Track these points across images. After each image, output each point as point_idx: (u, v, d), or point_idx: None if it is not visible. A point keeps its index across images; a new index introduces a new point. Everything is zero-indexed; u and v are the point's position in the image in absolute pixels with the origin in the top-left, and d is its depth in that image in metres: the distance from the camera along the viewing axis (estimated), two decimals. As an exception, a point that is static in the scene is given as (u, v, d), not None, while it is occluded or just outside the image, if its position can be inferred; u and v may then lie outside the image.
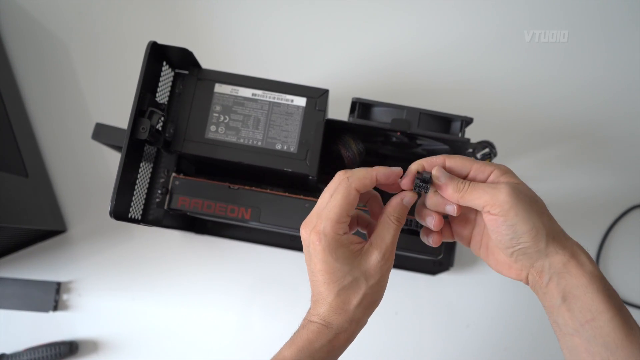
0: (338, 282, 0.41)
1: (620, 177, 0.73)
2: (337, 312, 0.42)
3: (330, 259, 0.41)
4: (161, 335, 0.70)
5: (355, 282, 0.41)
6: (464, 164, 0.42)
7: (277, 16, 0.77)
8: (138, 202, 0.54)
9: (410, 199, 0.44)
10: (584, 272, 0.40)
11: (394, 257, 0.43)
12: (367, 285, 0.42)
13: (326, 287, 0.41)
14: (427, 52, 0.76)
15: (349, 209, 0.42)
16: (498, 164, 0.42)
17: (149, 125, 0.49)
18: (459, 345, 0.69)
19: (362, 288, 0.42)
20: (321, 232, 0.41)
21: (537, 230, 0.40)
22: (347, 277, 0.41)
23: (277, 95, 0.54)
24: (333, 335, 0.42)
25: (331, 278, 0.41)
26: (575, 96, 0.75)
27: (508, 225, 0.40)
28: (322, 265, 0.41)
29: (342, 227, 0.42)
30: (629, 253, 0.71)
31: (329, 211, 0.41)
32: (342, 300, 0.41)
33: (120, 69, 0.76)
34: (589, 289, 0.39)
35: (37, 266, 0.71)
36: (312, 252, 0.42)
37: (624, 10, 0.77)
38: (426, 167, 0.44)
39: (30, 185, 0.66)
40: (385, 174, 0.43)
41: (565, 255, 0.40)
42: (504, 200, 0.39)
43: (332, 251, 0.41)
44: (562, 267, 0.40)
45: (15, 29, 0.76)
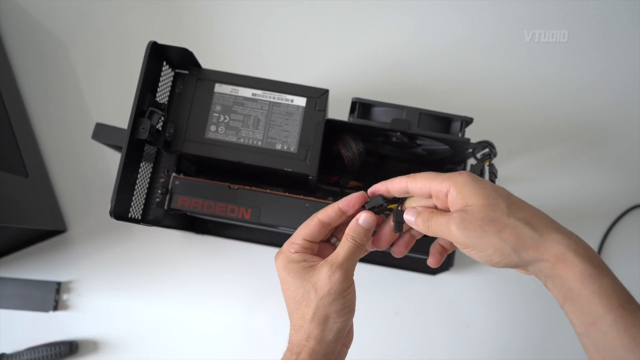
0: (293, 297, 0.43)
1: (620, 177, 0.73)
2: (296, 329, 0.43)
3: (284, 274, 0.44)
4: (161, 335, 0.70)
5: (307, 294, 0.42)
6: (423, 186, 0.42)
7: (278, 16, 0.77)
8: (138, 202, 0.54)
9: (366, 218, 0.44)
10: (574, 273, 0.37)
11: (350, 272, 0.43)
12: (318, 297, 0.42)
13: (287, 303, 0.44)
14: (427, 52, 0.76)
15: (305, 233, 0.44)
16: (454, 177, 0.41)
17: (149, 125, 0.49)
18: (459, 345, 0.69)
19: (312, 300, 0.42)
20: (279, 252, 0.45)
21: (499, 249, 0.38)
22: (299, 290, 0.43)
23: (277, 95, 0.54)
24: (295, 357, 0.42)
25: (287, 293, 0.44)
26: (575, 96, 0.75)
27: (475, 254, 0.40)
28: (281, 282, 0.44)
29: (294, 247, 0.44)
30: (629, 253, 0.71)
31: (294, 233, 0.45)
32: (299, 316, 0.43)
33: (120, 69, 0.76)
34: (583, 293, 0.37)
35: (37, 266, 0.71)
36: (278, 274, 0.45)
37: (624, 10, 0.77)
38: (390, 189, 0.44)
39: (30, 185, 0.66)
40: (346, 200, 0.45)
41: (549, 260, 0.38)
42: (455, 235, 0.39)
43: (284, 267, 0.44)
44: (552, 271, 0.38)
45: (15, 29, 0.76)
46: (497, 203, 0.39)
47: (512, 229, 0.38)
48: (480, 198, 0.39)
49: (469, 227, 0.39)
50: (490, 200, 0.39)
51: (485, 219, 0.38)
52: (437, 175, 0.41)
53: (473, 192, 0.39)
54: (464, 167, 0.65)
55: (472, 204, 0.39)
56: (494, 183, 0.55)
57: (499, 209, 0.39)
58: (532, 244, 0.38)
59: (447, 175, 0.41)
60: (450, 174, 0.41)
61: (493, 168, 0.55)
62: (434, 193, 0.42)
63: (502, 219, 0.38)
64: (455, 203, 0.40)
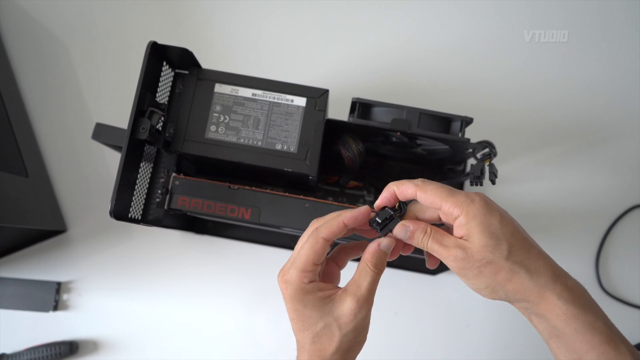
0: (311, 329, 0.41)
1: (620, 177, 0.73)
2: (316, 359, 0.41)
3: (299, 306, 0.41)
4: (161, 335, 0.70)
5: (328, 328, 0.41)
6: (434, 201, 0.41)
7: (278, 16, 0.77)
8: (138, 202, 0.54)
9: (388, 244, 0.43)
10: (557, 314, 0.39)
11: (372, 304, 0.42)
12: (342, 333, 0.41)
13: (301, 334, 0.42)
14: (427, 52, 0.76)
15: (315, 258, 0.41)
16: (467, 205, 0.40)
17: (149, 125, 0.49)
18: (459, 345, 0.69)
19: (336, 335, 0.41)
20: (288, 281, 0.42)
21: (491, 287, 0.40)
22: (318, 323, 0.41)
23: (277, 95, 0.54)
24: None
25: (304, 325, 0.41)
26: (575, 96, 0.75)
27: (465, 282, 0.41)
28: (293, 313, 0.42)
29: (308, 276, 0.42)
30: (629, 253, 0.71)
31: (296, 260, 0.42)
32: (317, 347, 0.41)
33: (120, 69, 0.76)
34: (567, 331, 0.38)
35: (37, 266, 0.71)
36: (284, 300, 0.42)
37: (623, 10, 0.77)
38: (398, 193, 0.43)
39: (30, 185, 0.66)
40: (351, 217, 0.42)
41: (533, 301, 0.39)
42: (452, 267, 0.40)
43: (299, 299, 0.41)
44: (536, 309, 0.40)
45: (15, 29, 0.76)
46: (499, 245, 0.39)
47: (506, 272, 0.39)
48: (484, 237, 0.39)
49: (467, 266, 0.39)
50: (493, 240, 0.39)
51: (483, 260, 0.39)
52: (450, 195, 0.40)
53: (480, 228, 0.39)
54: (464, 167, 0.65)
55: (474, 242, 0.39)
56: (494, 183, 0.55)
57: (498, 250, 0.39)
58: (522, 288, 0.39)
59: (460, 200, 0.40)
60: (464, 199, 0.40)
61: (493, 168, 0.55)
62: (444, 213, 0.41)
63: (500, 261, 0.39)
64: (459, 230, 0.40)
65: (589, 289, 0.70)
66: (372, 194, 0.66)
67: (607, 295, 0.70)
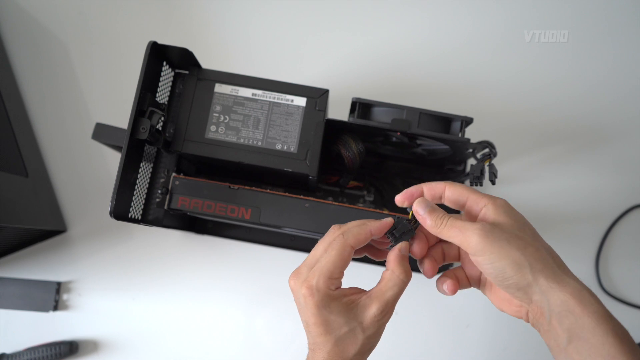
0: (334, 333, 0.41)
1: (620, 177, 0.73)
2: None
3: (324, 312, 0.41)
4: (161, 335, 0.70)
5: (352, 332, 0.42)
6: (461, 194, 0.42)
7: (278, 16, 0.77)
8: (138, 202, 0.54)
9: (406, 247, 0.44)
10: (589, 312, 0.37)
11: (394, 309, 0.43)
12: (365, 336, 0.42)
13: (323, 337, 0.42)
14: (427, 52, 0.76)
15: (343, 265, 0.42)
16: (494, 198, 0.42)
17: (149, 125, 0.49)
18: (459, 345, 0.69)
19: (359, 338, 0.42)
20: (313, 287, 0.41)
21: (518, 263, 0.38)
22: (343, 327, 0.41)
23: (277, 95, 0.54)
24: None
25: (327, 329, 0.41)
26: (575, 96, 0.75)
27: (486, 264, 0.39)
28: (316, 318, 0.41)
29: (335, 283, 0.42)
30: (629, 253, 0.71)
31: (323, 266, 0.42)
32: (340, 349, 0.42)
33: (120, 69, 0.76)
34: (597, 331, 0.37)
35: (37, 266, 0.71)
36: (304, 305, 0.42)
37: (624, 10, 0.77)
38: (426, 192, 0.44)
39: (30, 185, 0.66)
40: (379, 227, 0.43)
41: (564, 293, 0.38)
42: (474, 242, 0.39)
43: (325, 305, 0.41)
44: (563, 305, 0.38)
45: (15, 29, 0.76)
46: (526, 229, 0.40)
47: (536, 249, 0.39)
48: (511, 219, 0.40)
49: (493, 236, 0.39)
50: (521, 225, 0.40)
51: (512, 234, 0.39)
52: (476, 190, 0.43)
53: (507, 214, 0.41)
54: (464, 167, 0.65)
55: (503, 222, 0.40)
56: (494, 183, 0.55)
57: (527, 233, 0.40)
58: (550, 272, 0.38)
59: (485, 195, 0.42)
60: (488, 195, 0.42)
61: (493, 168, 0.55)
62: (470, 204, 0.42)
63: (529, 239, 0.40)
64: (486, 218, 0.41)
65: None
66: (372, 194, 0.66)
67: (607, 295, 0.70)
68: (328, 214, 0.54)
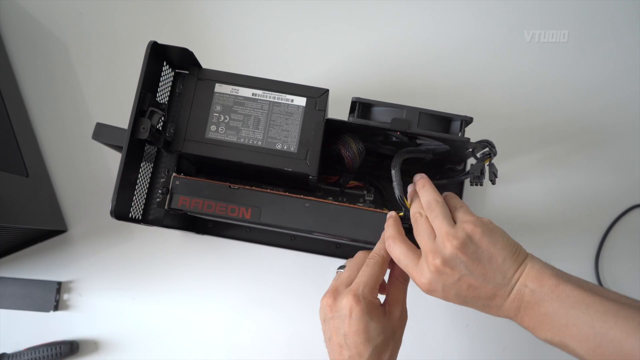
0: (373, 341, 0.45)
1: (620, 176, 0.73)
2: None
3: (367, 318, 0.45)
4: (161, 335, 0.70)
5: (386, 340, 0.46)
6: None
7: (278, 16, 0.77)
8: (139, 202, 0.54)
9: None
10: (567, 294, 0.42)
11: None
12: (394, 341, 0.47)
13: (364, 346, 0.45)
14: (426, 51, 0.76)
15: (382, 277, 0.49)
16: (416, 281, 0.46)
17: (149, 125, 0.49)
18: (459, 345, 0.69)
19: (390, 344, 0.46)
20: (360, 296, 0.46)
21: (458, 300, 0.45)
22: (380, 335, 0.45)
23: (277, 95, 0.55)
24: None
25: (367, 337, 0.45)
26: (575, 95, 0.75)
27: None
28: (360, 325, 0.45)
29: (375, 293, 0.48)
30: (629, 253, 0.71)
31: (367, 278, 0.47)
32: (375, 357, 0.45)
33: (120, 69, 0.76)
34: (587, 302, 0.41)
35: (37, 266, 0.71)
36: (346, 315, 0.46)
37: (624, 10, 0.77)
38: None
39: (30, 185, 0.66)
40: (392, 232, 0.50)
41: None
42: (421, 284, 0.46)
43: (369, 312, 0.45)
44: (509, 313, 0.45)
45: (16, 29, 0.76)
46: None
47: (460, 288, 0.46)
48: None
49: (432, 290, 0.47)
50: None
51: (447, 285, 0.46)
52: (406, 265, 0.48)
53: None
54: (464, 166, 0.65)
55: None
56: (494, 183, 0.55)
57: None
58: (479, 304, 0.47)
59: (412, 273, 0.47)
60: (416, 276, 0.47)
61: (493, 168, 0.55)
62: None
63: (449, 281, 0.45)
64: None
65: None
66: (372, 193, 0.66)
67: (607, 295, 0.70)
68: (328, 214, 0.54)
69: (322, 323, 0.49)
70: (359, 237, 0.53)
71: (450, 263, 0.43)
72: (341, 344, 0.46)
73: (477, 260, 0.43)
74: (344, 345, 0.45)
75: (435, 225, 0.46)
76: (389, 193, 0.67)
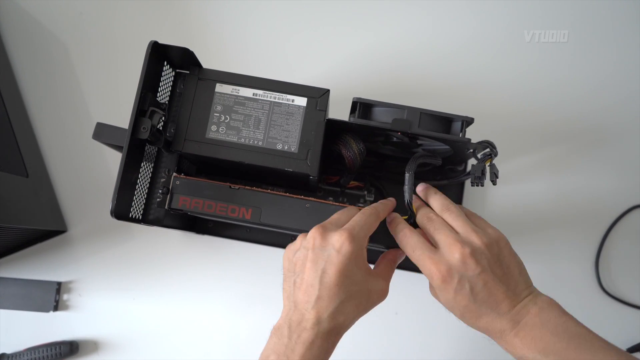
0: (349, 288, 0.43)
1: (620, 177, 0.73)
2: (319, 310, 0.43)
3: (354, 263, 0.44)
4: (161, 335, 0.70)
5: (360, 293, 0.44)
6: None
7: (279, 16, 0.77)
8: (139, 202, 0.54)
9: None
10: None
11: None
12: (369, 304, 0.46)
13: (338, 288, 0.43)
14: (427, 52, 0.76)
15: (373, 230, 0.47)
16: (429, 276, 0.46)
17: (149, 124, 0.49)
18: (458, 344, 0.69)
19: (363, 305, 0.45)
20: (355, 236, 0.44)
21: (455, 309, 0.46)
22: (354, 287, 0.44)
23: (278, 95, 0.54)
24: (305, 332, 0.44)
25: (345, 281, 0.43)
26: (575, 96, 0.75)
27: None
28: (345, 266, 0.43)
29: (367, 242, 0.46)
30: (629, 253, 0.71)
31: (363, 223, 0.46)
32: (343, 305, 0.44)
33: (120, 69, 0.76)
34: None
35: (37, 266, 0.71)
36: (340, 251, 0.43)
37: (624, 10, 0.77)
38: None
39: (30, 185, 0.66)
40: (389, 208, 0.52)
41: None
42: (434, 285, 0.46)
43: (357, 258, 0.44)
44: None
45: (16, 29, 0.76)
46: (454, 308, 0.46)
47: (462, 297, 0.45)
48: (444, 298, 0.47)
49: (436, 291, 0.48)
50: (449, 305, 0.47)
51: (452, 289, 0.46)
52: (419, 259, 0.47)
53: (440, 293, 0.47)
54: (465, 167, 0.65)
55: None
56: (495, 183, 0.55)
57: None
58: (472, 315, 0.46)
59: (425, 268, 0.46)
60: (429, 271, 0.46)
61: (494, 168, 0.55)
62: None
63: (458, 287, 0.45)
64: None
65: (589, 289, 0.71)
66: (373, 194, 0.66)
67: (607, 296, 0.70)
68: (329, 214, 0.53)
69: (294, 255, 0.47)
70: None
71: (476, 255, 0.44)
72: (312, 282, 0.43)
73: (499, 262, 0.44)
74: (315, 284, 0.43)
75: (458, 224, 0.46)
76: (389, 193, 0.67)
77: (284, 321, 0.45)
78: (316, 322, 0.43)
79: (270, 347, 0.45)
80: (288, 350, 0.43)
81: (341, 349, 0.54)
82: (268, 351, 0.45)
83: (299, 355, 0.43)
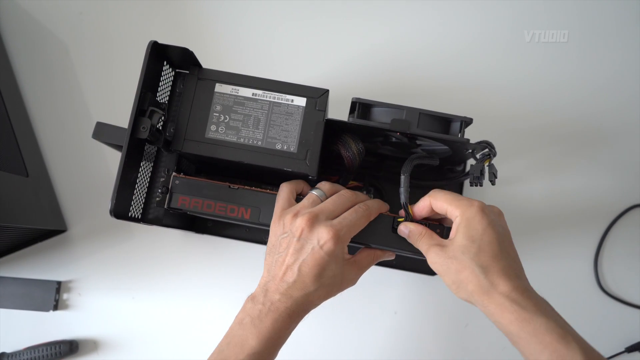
0: (323, 279, 0.47)
1: (619, 176, 0.73)
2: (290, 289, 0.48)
3: (332, 259, 0.47)
4: (161, 335, 0.70)
5: (331, 284, 0.48)
6: (442, 206, 0.49)
7: (278, 16, 0.77)
8: (138, 201, 0.54)
9: None
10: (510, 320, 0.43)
11: None
12: (337, 290, 0.50)
13: (313, 279, 0.47)
14: (427, 52, 0.76)
15: (359, 230, 0.50)
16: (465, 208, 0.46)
17: (149, 124, 0.49)
18: (458, 344, 0.69)
19: (333, 291, 0.49)
20: (341, 238, 0.47)
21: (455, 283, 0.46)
22: (331, 278, 0.48)
23: (277, 95, 0.55)
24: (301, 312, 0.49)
25: (322, 274, 0.47)
26: (574, 95, 0.75)
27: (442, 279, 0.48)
28: (323, 261, 0.47)
29: (349, 240, 0.49)
30: (629, 253, 0.71)
31: (352, 224, 0.49)
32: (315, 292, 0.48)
33: (120, 68, 0.76)
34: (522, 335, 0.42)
35: (37, 265, 0.71)
36: (322, 247, 0.47)
37: (624, 10, 0.77)
38: (416, 214, 0.52)
39: (30, 185, 0.67)
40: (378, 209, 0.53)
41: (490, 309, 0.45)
42: (433, 262, 0.48)
43: (337, 255, 0.47)
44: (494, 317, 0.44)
45: (16, 29, 0.76)
46: (471, 247, 0.45)
47: (469, 272, 0.44)
48: (464, 238, 0.45)
49: (440, 261, 0.46)
50: (469, 242, 0.45)
51: (452, 258, 0.45)
52: (454, 199, 0.48)
53: (464, 230, 0.46)
54: (464, 167, 0.66)
55: (455, 241, 0.46)
56: (494, 183, 0.55)
57: (468, 252, 0.45)
58: (479, 289, 0.44)
59: (462, 203, 0.47)
60: (465, 202, 0.47)
61: (493, 168, 0.55)
62: (448, 215, 0.48)
63: (466, 261, 0.45)
64: (453, 229, 0.48)
65: (588, 288, 0.71)
66: (372, 193, 0.66)
67: (607, 295, 0.70)
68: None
69: (281, 236, 0.49)
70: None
71: (487, 209, 0.47)
72: (292, 266, 0.47)
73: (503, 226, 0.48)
74: (294, 269, 0.47)
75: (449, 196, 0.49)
76: (388, 193, 0.67)
77: (260, 289, 0.49)
78: (287, 299, 0.47)
79: (246, 310, 0.49)
80: (262, 315, 0.47)
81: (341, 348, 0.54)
82: (243, 314, 0.49)
83: (266, 326, 0.47)
